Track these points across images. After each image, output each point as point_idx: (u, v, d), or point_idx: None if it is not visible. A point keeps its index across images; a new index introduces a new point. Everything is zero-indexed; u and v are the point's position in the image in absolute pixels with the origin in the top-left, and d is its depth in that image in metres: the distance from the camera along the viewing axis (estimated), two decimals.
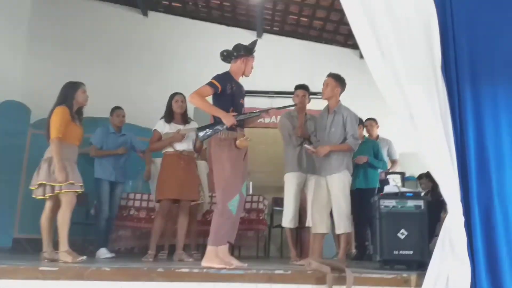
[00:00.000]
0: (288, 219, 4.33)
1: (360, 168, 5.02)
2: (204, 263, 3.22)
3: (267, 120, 6.85)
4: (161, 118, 4.68)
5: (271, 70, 7.23)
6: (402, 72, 3.09)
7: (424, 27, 3.16)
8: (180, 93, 4.66)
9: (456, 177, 3.00)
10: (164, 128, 4.58)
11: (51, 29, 7.47)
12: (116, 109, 5.32)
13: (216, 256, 3.26)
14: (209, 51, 7.27)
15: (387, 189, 3.60)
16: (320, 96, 4.47)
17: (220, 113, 3.43)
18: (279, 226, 5.78)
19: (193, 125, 4.60)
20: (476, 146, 3.07)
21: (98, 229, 5.00)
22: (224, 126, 3.44)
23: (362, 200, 4.89)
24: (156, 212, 4.51)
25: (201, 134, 3.50)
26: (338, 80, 4.20)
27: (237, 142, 3.47)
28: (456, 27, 3.23)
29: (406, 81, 3.09)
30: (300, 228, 4.61)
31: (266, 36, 7.65)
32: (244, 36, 7.61)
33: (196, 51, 7.44)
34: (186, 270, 3.02)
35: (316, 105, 5.36)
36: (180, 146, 4.48)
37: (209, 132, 3.48)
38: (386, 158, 5.63)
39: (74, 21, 7.60)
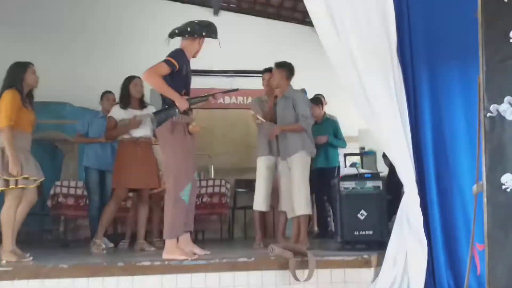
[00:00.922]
0: (258, 202, 4.30)
1: (320, 147, 5.04)
2: (165, 255, 3.13)
3: (227, 101, 6.76)
4: (115, 103, 4.45)
5: (229, 49, 6.97)
6: (358, 54, 3.11)
7: (380, 11, 3.16)
8: (138, 77, 4.39)
9: (410, 158, 3.07)
10: (119, 114, 4.35)
11: None
12: (106, 93, 5.05)
13: (176, 247, 3.17)
14: (163, 30, 7.02)
15: (346, 171, 3.65)
16: None
17: (175, 96, 3.22)
18: (243, 207, 5.82)
19: (151, 109, 4.36)
20: (433, 128, 3.14)
21: (90, 218, 4.84)
22: (177, 110, 3.25)
23: (323, 178, 4.95)
24: (112, 198, 4.29)
25: (156, 120, 3.27)
26: (282, 67, 4.18)
27: (190, 127, 3.32)
28: (412, 12, 3.27)
29: (362, 62, 3.11)
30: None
31: (223, 14, 7.48)
32: (200, 14, 7.38)
33: (149, 30, 7.17)
34: (148, 263, 2.98)
35: None
36: (137, 133, 4.29)
37: (164, 117, 3.27)
38: None
39: (22, 1, 7.13)
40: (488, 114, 2.27)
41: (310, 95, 6.02)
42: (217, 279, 2.96)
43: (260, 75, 5.56)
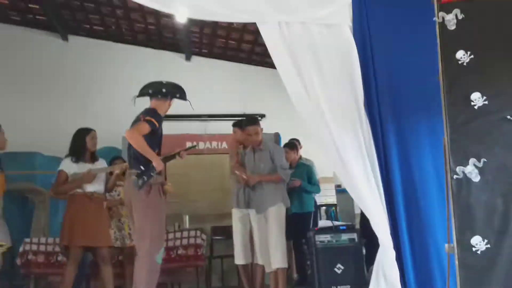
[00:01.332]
0: (236, 256, 4.29)
1: (294, 193, 5.05)
2: None
3: (201, 146, 6.76)
4: (66, 156, 4.22)
5: (202, 93, 7.10)
6: (328, 114, 3.15)
7: (346, 65, 3.24)
8: (94, 130, 4.32)
9: (383, 210, 3.08)
10: (71, 167, 4.13)
11: None
12: None
13: None
14: (136, 75, 7.06)
15: (321, 223, 3.65)
16: None
17: (153, 156, 3.25)
18: (220, 256, 5.72)
19: (102, 163, 4.32)
20: (403, 181, 3.16)
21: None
22: (155, 171, 3.27)
23: (299, 223, 4.94)
24: (68, 260, 4.08)
25: (140, 182, 3.24)
26: (259, 124, 4.30)
27: (166, 187, 3.37)
28: (377, 63, 3.35)
29: (332, 121, 3.15)
30: None
31: (195, 59, 7.53)
32: (172, 59, 7.47)
33: (122, 76, 7.18)
34: None
35: None
36: (90, 188, 4.11)
37: (146, 179, 3.25)
38: None
39: None
40: (455, 176, 2.32)
41: (284, 138, 6.07)
42: None
43: (233, 119, 5.65)
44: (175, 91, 3.50)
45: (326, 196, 6.29)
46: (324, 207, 5.41)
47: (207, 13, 3.37)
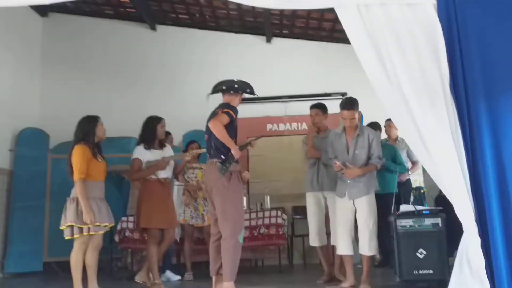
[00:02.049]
0: (311, 238, 4.40)
1: (377, 172, 4.95)
2: None
3: (281, 127, 6.86)
4: (138, 144, 4.43)
5: (283, 74, 7.18)
6: (409, 96, 3.07)
7: (430, 45, 3.12)
8: (163, 118, 4.52)
9: (469, 196, 2.96)
10: (144, 155, 4.35)
11: (62, 50, 7.50)
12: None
13: None
14: (219, 60, 7.29)
15: (403, 208, 3.57)
16: (336, 97, 5.32)
17: (233, 145, 3.51)
18: (301, 235, 5.82)
19: (169, 149, 4.55)
20: (492, 166, 2.98)
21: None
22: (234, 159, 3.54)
23: (380, 205, 4.83)
24: (148, 241, 4.34)
25: (223, 169, 3.50)
26: (357, 107, 4.07)
27: (244, 174, 3.62)
28: (464, 41, 3.16)
29: (414, 104, 3.06)
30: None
31: (275, 40, 7.53)
32: (253, 42, 7.56)
33: (206, 61, 7.40)
34: None
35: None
36: (163, 174, 4.35)
37: (228, 166, 3.50)
38: (405, 160, 5.58)
39: (84, 40, 7.62)
40: None
41: (369, 118, 5.84)
42: None
43: (313, 99, 5.61)
44: (246, 86, 3.74)
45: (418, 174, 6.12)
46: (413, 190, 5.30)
47: (286, 2, 3.45)
